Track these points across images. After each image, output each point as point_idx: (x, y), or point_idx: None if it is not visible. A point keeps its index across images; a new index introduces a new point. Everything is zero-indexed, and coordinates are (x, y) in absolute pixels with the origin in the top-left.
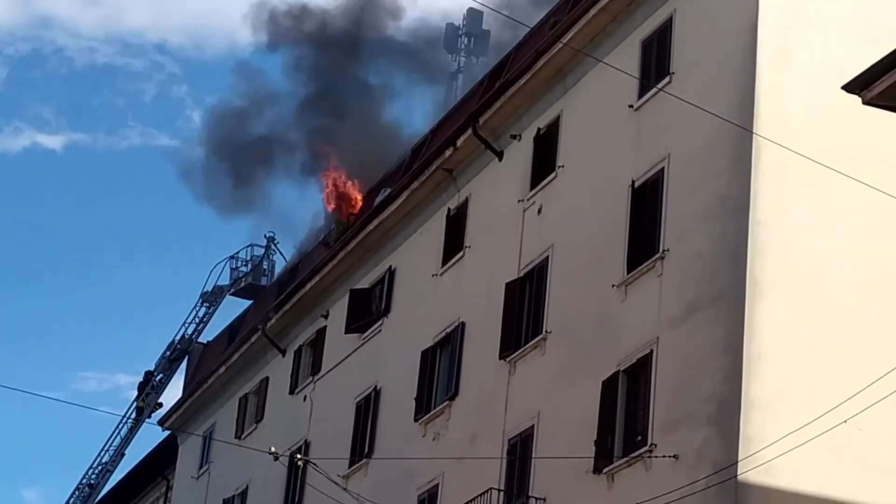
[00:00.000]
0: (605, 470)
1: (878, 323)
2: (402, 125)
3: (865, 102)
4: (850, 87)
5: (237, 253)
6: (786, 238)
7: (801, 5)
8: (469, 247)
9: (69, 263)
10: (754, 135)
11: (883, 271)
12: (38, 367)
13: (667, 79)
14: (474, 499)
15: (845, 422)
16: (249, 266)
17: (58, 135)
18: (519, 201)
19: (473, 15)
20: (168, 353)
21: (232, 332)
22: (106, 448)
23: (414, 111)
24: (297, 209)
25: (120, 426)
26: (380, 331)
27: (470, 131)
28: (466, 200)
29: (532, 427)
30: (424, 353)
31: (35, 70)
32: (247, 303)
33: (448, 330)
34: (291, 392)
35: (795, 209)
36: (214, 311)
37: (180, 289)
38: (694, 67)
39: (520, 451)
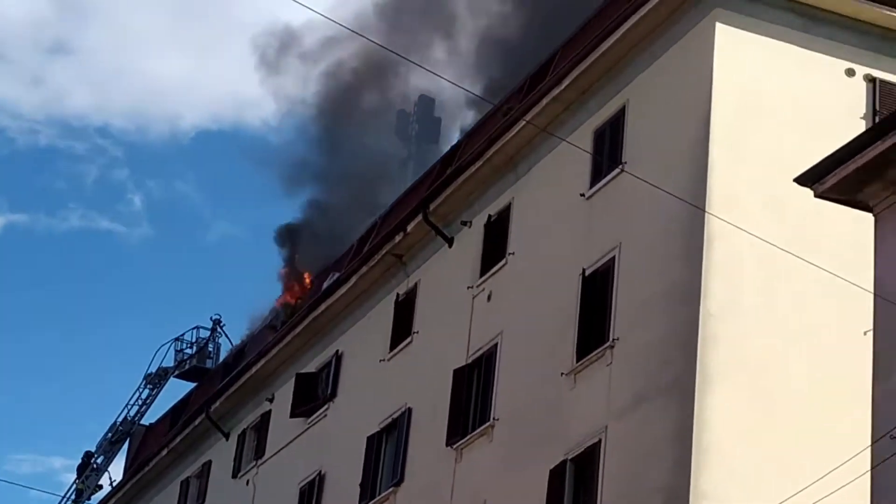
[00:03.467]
0: None
1: (828, 415)
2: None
3: (818, 195)
4: (802, 180)
5: (182, 335)
6: (737, 328)
7: (754, 96)
8: (417, 332)
9: (5, 343)
10: (706, 222)
11: (834, 363)
12: None
13: (619, 168)
14: None
15: None
16: (194, 348)
17: None
18: (468, 288)
19: (425, 102)
20: (110, 434)
21: (175, 415)
22: None
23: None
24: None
25: None
26: (325, 415)
27: (420, 217)
28: (416, 286)
29: None
30: (370, 439)
31: None
32: (191, 385)
33: (394, 415)
34: (234, 476)
35: (747, 299)
36: (158, 392)
37: (122, 371)
38: (647, 157)
39: None
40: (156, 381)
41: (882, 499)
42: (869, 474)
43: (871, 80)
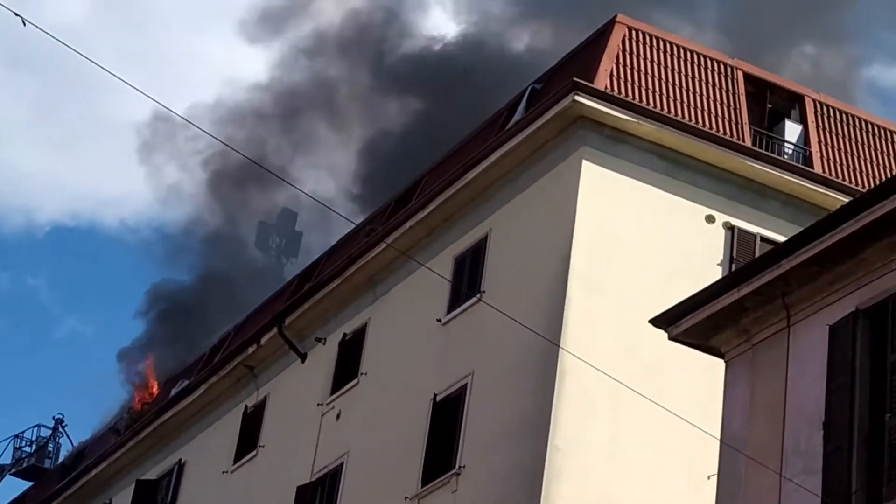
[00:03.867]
0: None
1: None
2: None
3: (671, 338)
4: (656, 322)
5: (23, 432)
6: (583, 464)
7: (615, 236)
8: (263, 446)
9: None
10: (560, 357)
11: (677, 500)
12: None
13: (477, 296)
14: None
15: None
16: (34, 447)
17: None
18: (318, 405)
19: (286, 215)
20: None
21: None
22: None
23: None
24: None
25: None
26: None
27: (275, 330)
28: (265, 399)
29: None
30: None
31: None
32: (27, 484)
33: None
34: None
35: (595, 436)
36: None
37: None
38: (505, 287)
39: None
40: None
41: None
42: None
43: (729, 227)
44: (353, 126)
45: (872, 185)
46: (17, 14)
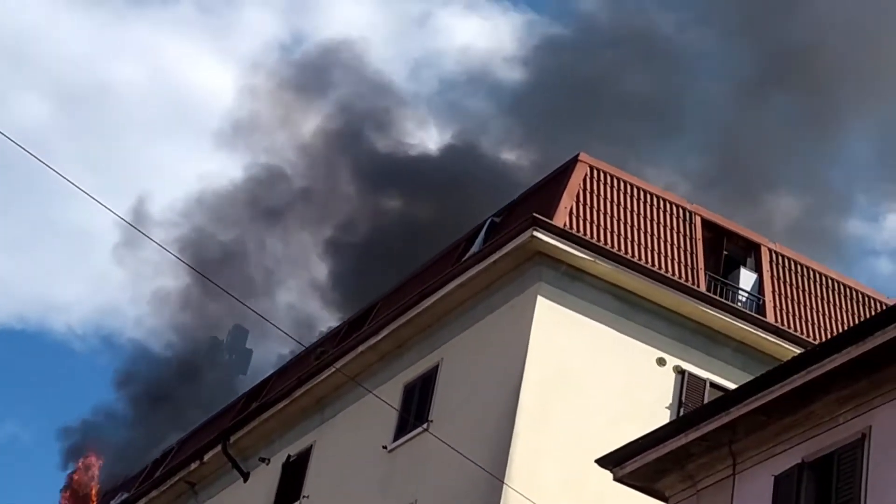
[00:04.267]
0: None
1: None
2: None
3: (616, 479)
4: (602, 462)
5: None
6: None
7: (566, 373)
8: None
9: None
10: (503, 492)
11: None
12: None
13: (424, 426)
14: None
15: None
16: None
17: None
18: None
19: (238, 332)
20: None
21: None
22: None
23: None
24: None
25: None
26: None
27: (219, 447)
28: None
29: None
30: None
31: None
32: None
33: None
34: None
35: None
36: None
37: None
38: (453, 418)
39: None
40: None
41: None
42: None
43: (680, 371)
44: (323, 231)
45: (824, 338)
46: None
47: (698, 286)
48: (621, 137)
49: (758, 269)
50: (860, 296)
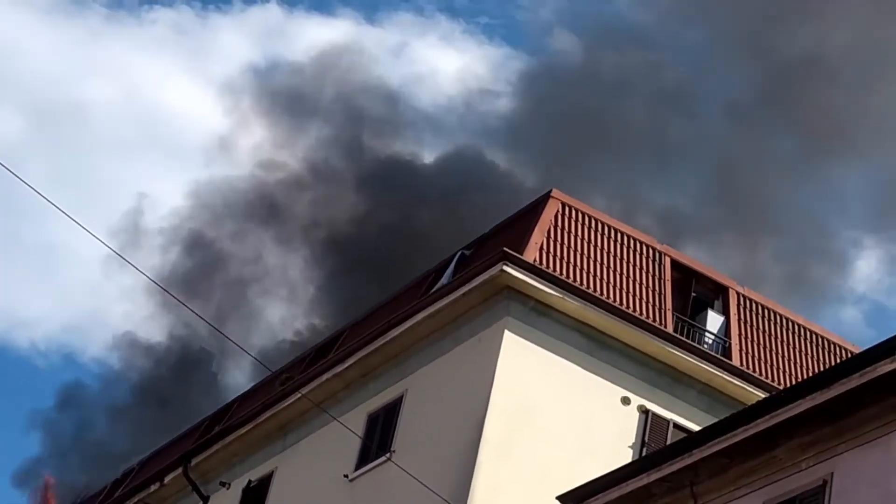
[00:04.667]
0: None
1: None
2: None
3: None
4: (564, 500)
5: None
6: None
7: (530, 408)
8: None
9: None
10: None
11: None
12: None
13: (386, 455)
14: None
15: None
16: None
17: None
18: None
19: (203, 354)
20: None
21: None
22: None
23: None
24: None
25: None
26: None
27: (180, 470)
28: None
29: None
30: None
31: None
32: None
33: None
34: None
35: None
36: None
37: None
38: (416, 448)
39: None
40: None
41: None
42: None
43: (644, 411)
44: (300, 245)
45: (789, 383)
46: None
47: (665, 326)
48: (597, 172)
49: (725, 311)
50: (826, 342)
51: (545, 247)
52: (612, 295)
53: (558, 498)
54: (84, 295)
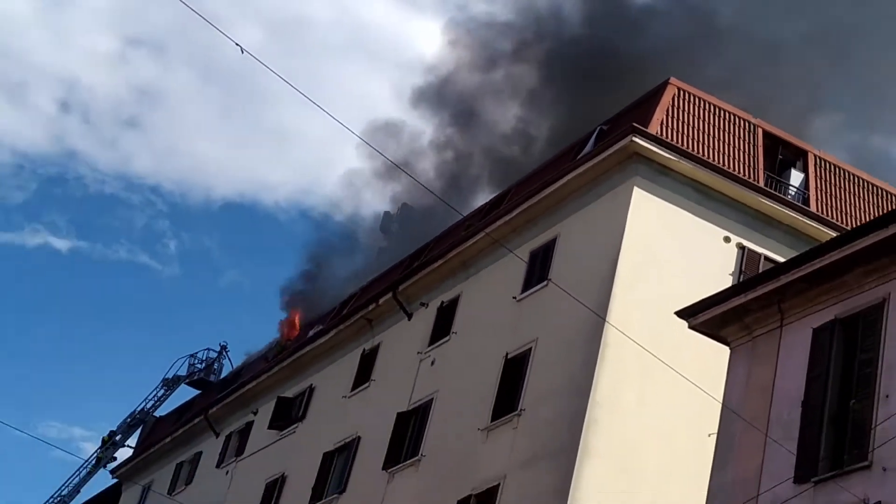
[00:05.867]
0: None
1: (679, 492)
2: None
3: (691, 327)
4: (680, 314)
5: (196, 353)
6: (614, 417)
7: (653, 246)
8: (374, 380)
9: (62, 328)
10: (605, 332)
11: (686, 453)
12: (12, 408)
13: (545, 282)
14: None
15: None
16: (203, 364)
17: (65, 240)
18: (418, 353)
19: (406, 208)
20: (129, 419)
21: (180, 413)
22: (67, 483)
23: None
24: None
25: (81, 468)
26: (294, 431)
27: (390, 294)
28: (378, 345)
29: None
30: (326, 455)
31: (57, 188)
32: (196, 392)
33: (347, 440)
34: (217, 466)
35: (626, 396)
36: (170, 393)
37: (144, 372)
38: (568, 277)
39: None
40: (170, 384)
41: None
42: None
43: (741, 247)
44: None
45: (855, 225)
46: (237, 44)
47: (758, 181)
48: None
49: (805, 170)
50: (885, 193)
51: (664, 122)
52: (716, 158)
53: (676, 313)
54: (312, 166)
